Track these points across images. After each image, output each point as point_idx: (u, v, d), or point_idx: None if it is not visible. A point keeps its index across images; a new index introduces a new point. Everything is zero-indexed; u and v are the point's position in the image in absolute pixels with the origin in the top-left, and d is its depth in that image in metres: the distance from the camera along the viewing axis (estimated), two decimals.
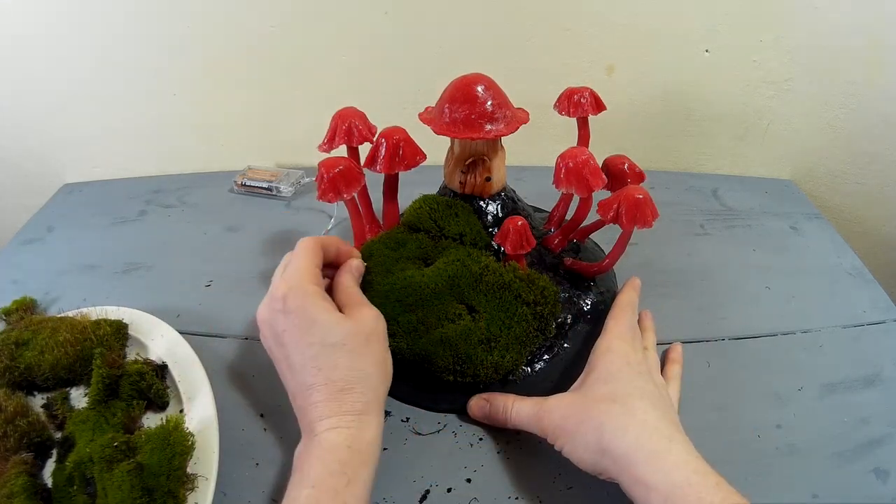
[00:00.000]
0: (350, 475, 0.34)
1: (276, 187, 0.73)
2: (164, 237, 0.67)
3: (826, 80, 0.69)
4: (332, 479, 0.33)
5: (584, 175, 0.45)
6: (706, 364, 0.50)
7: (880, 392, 0.48)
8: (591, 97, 0.51)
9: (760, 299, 0.57)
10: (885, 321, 0.55)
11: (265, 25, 0.68)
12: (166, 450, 0.38)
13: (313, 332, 0.37)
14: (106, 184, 0.78)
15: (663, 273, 0.60)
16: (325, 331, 0.37)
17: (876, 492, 0.41)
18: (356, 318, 0.39)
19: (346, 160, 0.47)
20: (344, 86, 0.72)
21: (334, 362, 0.37)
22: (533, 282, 0.46)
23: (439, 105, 0.46)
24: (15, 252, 0.66)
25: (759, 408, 0.47)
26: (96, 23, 0.67)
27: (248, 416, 0.46)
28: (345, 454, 0.34)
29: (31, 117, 0.75)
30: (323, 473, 0.33)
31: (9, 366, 0.46)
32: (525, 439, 0.44)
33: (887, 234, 0.80)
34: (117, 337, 0.49)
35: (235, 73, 0.72)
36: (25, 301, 0.55)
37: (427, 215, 0.50)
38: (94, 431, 0.41)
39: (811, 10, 0.64)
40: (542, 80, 0.67)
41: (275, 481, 0.42)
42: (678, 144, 0.77)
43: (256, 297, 0.57)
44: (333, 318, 0.38)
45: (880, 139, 0.72)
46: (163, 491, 0.37)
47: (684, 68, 0.70)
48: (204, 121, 0.76)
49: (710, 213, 0.70)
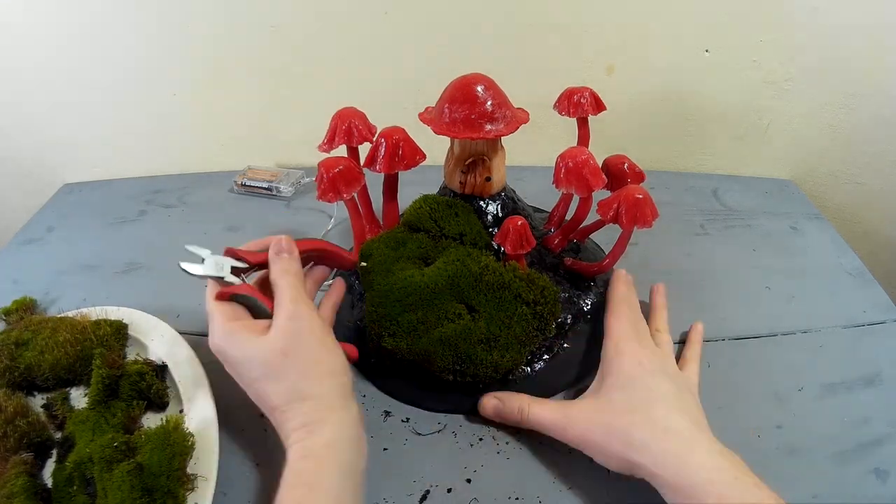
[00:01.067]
0: (310, 482, 0.34)
1: (276, 187, 0.73)
2: (164, 237, 0.67)
3: (826, 80, 0.69)
4: (291, 493, 0.34)
5: (584, 175, 0.45)
6: (706, 364, 0.50)
7: (880, 392, 0.48)
8: (591, 97, 0.51)
9: (760, 299, 0.57)
10: (885, 321, 0.55)
11: (265, 25, 0.68)
12: (166, 450, 0.38)
13: (239, 371, 0.38)
14: (106, 184, 0.78)
15: (663, 273, 0.60)
16: (245, 367, 0.37)
17: (876, 492, 0.41)
18: (270, 333, 0.37)
19: (346, 160, 0.47)
20: (344, 86, 0.72)
21: (263, 392, 0.37)
22: (533, 281, 0.46)
23: (439, 105, 0.46)
24: (15, 252, 0.66)
25: (759, 408, 0.47)
26: (96, 23, 0.67)
27: (248, 416, 0.46)
28: (299, 465, 0.35)
29: (31, 117, 0.75)
30: (284, 490, 0.34)
31: (9, 366, 0.46)
32: (525, 439, 0.44)
33: (887, 234, 0.80)
34: (117, 337, 0.49)
35: (235, 73, 0.72)
36: (25, 301, 0.55)
37: (427, 215, 0.49)
38: (94, 431, 0.41)
39: (811, 10, 0.64)
40: (542, 80, 0.67)
41: (275, 481, 0.42)
42: (678, 144, 0.77)
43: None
44: (247, 348, 0.37)
45: (880, 139, 0.72)
46: (163, 491, 0.37)
47: (684, 68, 0.69)
48: (204, 121, 0.76)
49: (710, 213, 0.70)
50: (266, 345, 0.37)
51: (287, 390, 0.37)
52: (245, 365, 0.37)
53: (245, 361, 0.37)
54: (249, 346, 0.37)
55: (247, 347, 0.37)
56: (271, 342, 0.37)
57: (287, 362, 0.36)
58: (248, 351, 0.37)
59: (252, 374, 0.37)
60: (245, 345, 0.37)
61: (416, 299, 0.45)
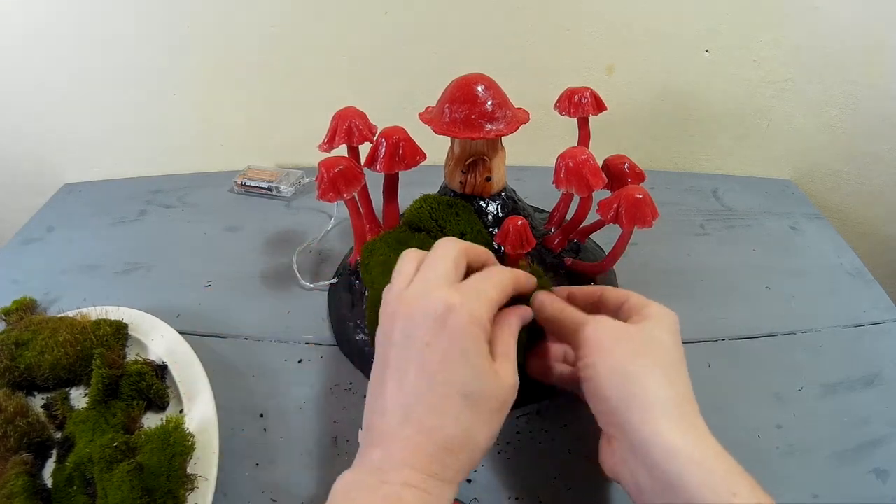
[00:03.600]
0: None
1: (276, 187, 0.72)
2: (164, 237, 0.67)
3: (826, 80, 0.69)
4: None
5: (584, 175, 0.45)
6: (706, 364, 0.50)
7: (880, 392, 0.48)
8: (592, 97, 0.51)
9: (760, 299, 0.57)
10: (885, 321, 0.55)
11: (265, 25, 0.68)
12: (166, 450, 0.38)
13: (457, 370, 0.31)
14: (106, 184, 0.78)
15: (663, 273, 0.60)
16: (472, 378, 0.31)
17: (876, 492, 0.41)
18: (502, 377, 0.32)
19: (347, 160, 0.47)
20: (344, 86, 0.72)
21: (457, 415, 0.31)
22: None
23: (439, 105, 0.46)
24: (15, 252, 0.66)
25: (759, 408, 0.47)
26: (96, 23, 0.67)
27: (248, 416, 0.46)
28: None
29: (31, 117, 0.75)
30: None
31: (9, 366, 0.46)
32: (525, 439, 0.44)
33: (887, 235, 0.80)
34: (117, 337, 0.48)
35: (235, 73, 0.72)
36: (25, 301, 0.55)
37: (428, 215, 0.49)
38: (94, 432, 0.41)
39: (811, 10, 0.64)
40: (542, 80, 0.68)
41: (275, 481, 0.42)
42: (678, 144, 0.77)
43: (256, 297, 0.58)
44: (486, 368, 0.32)
45: (880, 139, 0.72)
46: (163, 491, 0.36)
47: (684, 68, 0.70)
48: (204, 121, 0.76)
49: (710, 213, 0.70)
50: (499, 382, 0.32)
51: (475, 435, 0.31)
52: (471, 371, 0.31)
53: (475, 372, 0.31)
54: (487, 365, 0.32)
55: (486, 361, 0.32)
56: (503, 387, 0.32)
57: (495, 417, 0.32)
58: (485, 366, 0.32)
59: (469, 387, 0.31)
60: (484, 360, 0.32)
61: None
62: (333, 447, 0.44)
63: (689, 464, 0.29)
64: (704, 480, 0.29)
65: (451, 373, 0.31)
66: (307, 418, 0.46)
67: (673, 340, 0.35)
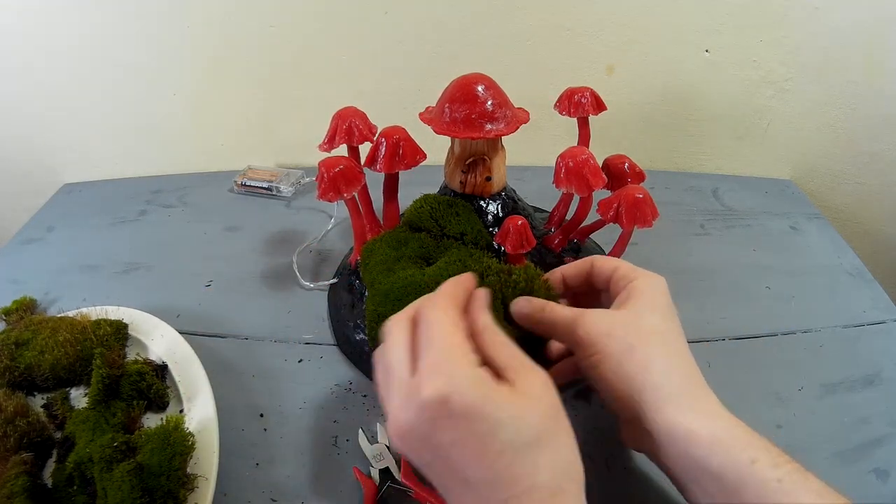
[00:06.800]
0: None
1: (276, 187, 0.73)
2: (164, 237, 0.67)
3: (826, 80, 0.69)
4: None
5: (584, 174, 0.45)
6: (706, 364, 0.50)
7: (880, 392, 0.48)
8: (592, 97, 0.51)
9: (760, 299, 0.57)
10: (885, 321, 0.55)
11: (265, 25, 0.68)
12: (166, 450, 0.38)
13: (498, 436, 0.27)
14: (106, 184, 0.78)
15: (663, 273, 0.59)
16: (514, 430, 0.28)
17: (876, 492, 0.41)
18: (533, 393, 0.29)
19: (347, 160, 0.47)
20: (344, 86, 0.72)
21: (534, 463, 0.28)
22: (532, 280, 0.46)
23: (440, 105, 0.46)
24: (15, 252, 0.66)
25: (759, 408, 0.47)
26: (96, 22, 0.67)
27: (248, 416, 0.46)
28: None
29: (30, 117, 0.75)
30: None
31: (9, 366, 0.46)
32: None
33: (887, 234, 0.80)
34: (117, 337, 0.49)
35: (235, 73, 0.72)
36: (25, 301, 0.55)
37: (428, 214, 0.49)
38: (94, 431, 0.41)
39: (811, 10, 0.64)
40: (542, 80, 0.68)
41: (275, 481, 0.42)
42: (678, 144, 0.77)
43: (256, 297, 0.57)
44: (515, 407, 0.28)
45: (880, 139, 0.72)
46: (163, 491, 0.36)
47: (684, 68, 0.70)
48: (204, 121, 0.76)
49: (710, 213, 0.70)
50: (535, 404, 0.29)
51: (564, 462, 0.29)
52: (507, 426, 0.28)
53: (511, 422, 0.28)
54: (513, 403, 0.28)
55: (511, 402, 0.28)
56: (541, 401, 0.29)
57: (561, 427, 0.30)
58: (514, 407, 0.28)
59: (521, 437, 0.28)
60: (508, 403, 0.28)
61: (417, 299, 0.45)
62: (333, 447, 0.44)
63: (706, 445, 0.31)
64: (724, 459, 0.30)
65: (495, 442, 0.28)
66: (307, 418, 0.46)
67: (664, 320, 0.36)
